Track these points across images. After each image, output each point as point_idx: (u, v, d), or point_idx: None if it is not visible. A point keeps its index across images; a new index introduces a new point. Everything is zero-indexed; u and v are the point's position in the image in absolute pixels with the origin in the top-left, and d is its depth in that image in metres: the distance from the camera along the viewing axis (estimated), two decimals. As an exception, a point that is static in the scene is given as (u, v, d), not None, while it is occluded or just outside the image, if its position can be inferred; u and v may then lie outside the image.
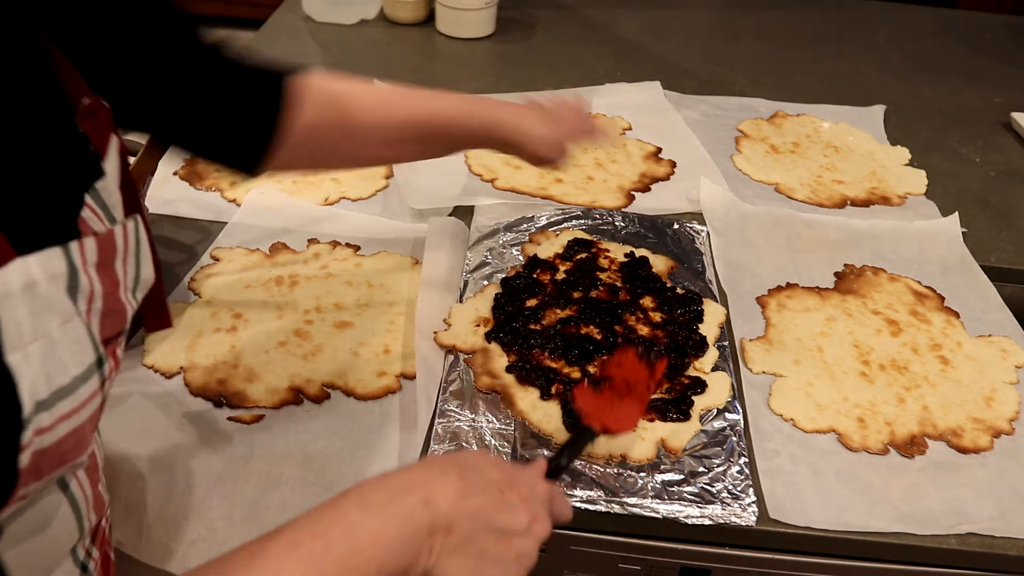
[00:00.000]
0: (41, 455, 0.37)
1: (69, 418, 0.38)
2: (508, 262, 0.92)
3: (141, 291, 0.46)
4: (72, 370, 0.38)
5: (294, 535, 0.43)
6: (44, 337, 0.36)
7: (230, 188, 1.03)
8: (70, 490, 0.44)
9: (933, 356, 0.84)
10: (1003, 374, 0.82)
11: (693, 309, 0.86)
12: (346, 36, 1.46)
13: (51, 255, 0.37)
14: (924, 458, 0.73)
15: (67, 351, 0.38)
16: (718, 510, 0.67)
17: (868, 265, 0.96)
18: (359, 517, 0.45)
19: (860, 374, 0.81)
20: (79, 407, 0.39)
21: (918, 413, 0.77)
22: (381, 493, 0.46)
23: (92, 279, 0.40)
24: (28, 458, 0.36)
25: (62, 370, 0.38)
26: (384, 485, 0.47)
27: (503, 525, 0.48)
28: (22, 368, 0.35)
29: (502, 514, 0.48)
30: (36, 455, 0.37)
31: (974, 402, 0.79)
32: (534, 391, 0.76)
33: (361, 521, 0.44)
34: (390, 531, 0.44)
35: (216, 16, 3.49)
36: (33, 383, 0.36)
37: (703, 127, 1.23)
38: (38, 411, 0.36)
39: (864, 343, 0.85)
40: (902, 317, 0.89)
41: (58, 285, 0.38)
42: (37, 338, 0.36)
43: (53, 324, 0.37)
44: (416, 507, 0.46)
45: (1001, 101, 1.39)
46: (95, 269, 0.41)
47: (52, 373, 0.37)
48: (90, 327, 0.40)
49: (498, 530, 0.48)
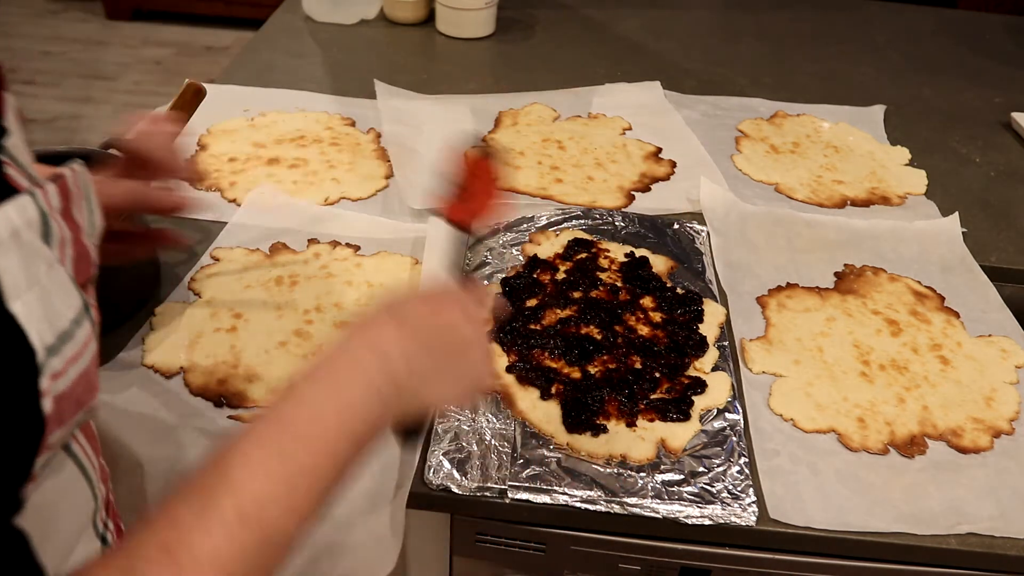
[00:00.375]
0: (60, 400, 0.38)
1: (76, 361, 0.39)
2: (508, 262, 0.92)
3: (96, 238, 0.47)
4: (67, 314, 0.39)
5: (260, 434, 0.43)
6: (37, 284, 0.37)
7: (230, 188, 1.03)
8: (75, 454, 0.45)
9: (933, 356, 0.84)
10: (1003, 374, 0.83)
11: (693, 309, 0.86)
12: (346, 36, 1.46)
13: (23, 202, 0.37)
14: (924, 458, 0.73)
15: (58, 297, 0.38)
16: (718, 510, 0.67)
17: (868, 265, 0.96)
18: (316, 396, 0.46)
19: (860, 374, 0.81)
20: (81, 350, 0.39)
21: (918, 413, 0.77)
22: (328, 368, 0.48)
23: (60, 225, 0.41)
24: (50, 404, 0.37)
25: (59, 315, 0.38)
26: (329, 360, 0.48)
27: (452, 343, 0.53)
28: (26, 315, 0.36)
29: (446, 336, 0.53)
30: (56, 400, 0.37)
31: (974, 402, 0.79)
32: (534, 391, 0.76)
33: (324, 401, 0.46)
34: (355, 398, 0.47)
35: (216, 16, 3.50)
36: (39, 329, 0.36)
37: (703, 127, 1.23)
38: (49, 356, 0.37)
39: (864, 343, 0.85)
40: (902, 317, 0.89)
41: (35, 232, 0.38)
42: (31, 286, 0.36)
43: (41, 271, 0.37)
44: (370, 365, 0.48)
45: (1001, 101, 1.39)
46: (60, 215, 0.41)
47: (52, 319, 0.37)
48: (69, 272, 0.41)
49: (450, 350, 0.53)
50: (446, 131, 1.18)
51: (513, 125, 1.20)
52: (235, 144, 1.12)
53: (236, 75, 1.30)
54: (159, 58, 3.33)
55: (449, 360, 0.53)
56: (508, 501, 0.68)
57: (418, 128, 1.17)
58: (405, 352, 0.50)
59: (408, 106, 1.22)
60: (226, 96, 1.23)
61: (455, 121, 1.20)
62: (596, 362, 0.79)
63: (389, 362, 0.49)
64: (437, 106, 1.24)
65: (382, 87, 1.25)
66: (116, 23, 3.56)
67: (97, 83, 3.11)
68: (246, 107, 1.21)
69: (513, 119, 1.22)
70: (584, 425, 0.72)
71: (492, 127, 1.20)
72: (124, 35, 3.48)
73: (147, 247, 0.81)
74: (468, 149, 0.70)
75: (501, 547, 0.75)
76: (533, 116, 1.23)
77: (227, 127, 1.16)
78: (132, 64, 3.26)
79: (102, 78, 3.15)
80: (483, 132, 1.18)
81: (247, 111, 1.20)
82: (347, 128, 1.18)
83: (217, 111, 1.17)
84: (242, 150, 1.11)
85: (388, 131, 1.15)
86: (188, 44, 3.42)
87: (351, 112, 1.21)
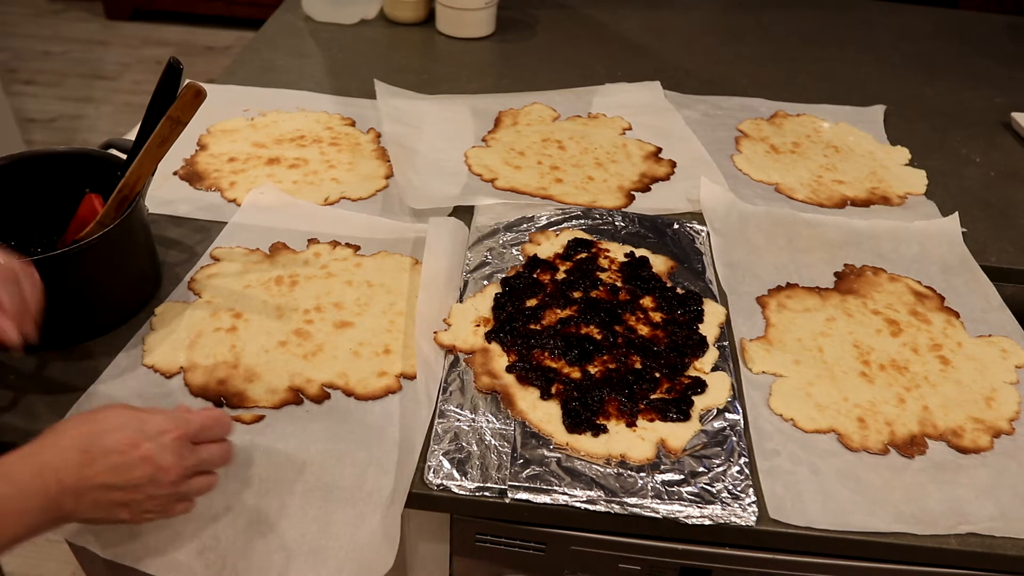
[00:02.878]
0: None
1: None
2: (508, 262, 0.92)
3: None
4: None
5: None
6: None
7: (230, 188, 1.03)
8: None
9: (933, 356, 0.84)
10: (1003, 374, 0.83)
11: (693, 309, 0.86)
12: (346, 36, 1.46)
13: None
14: (924, 458, 0.73)
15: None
16: (718, 510, 0.67)
17: (868, 265, 0.96)
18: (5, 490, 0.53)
19: (860, 374, 0.81)
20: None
21: (918, 413, 0.77)
22: (22, 467, 0.54)
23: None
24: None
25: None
26: (24, 460, 0.55)
27: (127, 482, 0.57)
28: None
29: (125, 473, 0.57)
30: None
31: (974, 402, 0.79)
32: (534, 391, 0.76)
33: (7, 495, 0.53)
34: (30, 506, 0.53)
35: (216, 16, 3.50)
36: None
37: (703, 127, 1.23)
38: None
39: (864, 343, 0.85)
40: (902, 317, 0.89)
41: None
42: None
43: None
44: (48, 484, 0.54)
45: (1001, 101, 1.39)
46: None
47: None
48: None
49: (123, 487, 0.57)
50: (446, 131, 1.18)
51: (513, 125, 1.20)
52: (235, 144, 1.12)
53: (236, 75, 1.30)
54: (159, 58, 3.33)
55: (120, 502, 0.58)
56: (508, 501, 0.68)
57: (418, 128, 1.17)
58: (80, 491, 0.55)
59: (408, 106, 1.22)
60: (226, 96, 1.23)
61: (455, 121, 1.21)
62: (596, 362, 0.79)
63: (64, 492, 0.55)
64: (437, 106, 1.24)
65: (382, 87, 1.25)
66: (116, 23, 3.56)
67: (97, 83, 3.11)
68: (246, 107, 1.21)
69: (513, 119, 1.22)
70: (584, 425, 0.72)
71: (492, 127, 1.20)
72: (124, 35, 3.48)
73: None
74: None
75: (501, 547, 0.75)
76: (533, 116, 1.23)
77: (227, 127, 1.16)
78: (132, 64, 3.26)
79: (102, 78, 3.15)
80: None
81: (247, 111, 1.20)
82: (347, 128, 1.18)
83: (217, 111, 1.17)
84: (242, 150, 1.11)
85: (388, 131, 1.15)
86: (188, 44, 3.42)
87: (351, 112, 1.21)
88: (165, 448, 0.59)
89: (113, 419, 0.58)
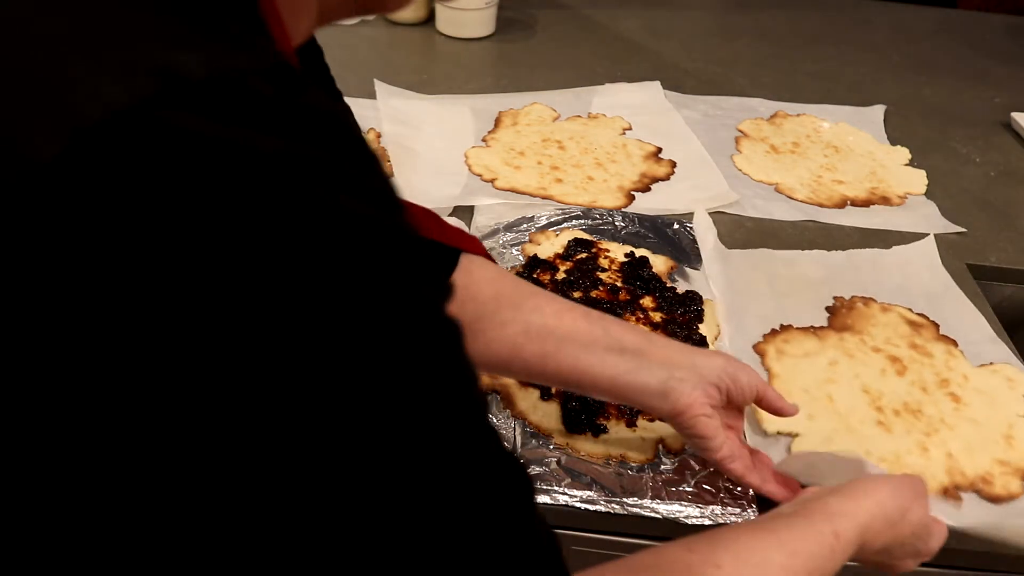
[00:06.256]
0: None
1: None
2: (508, 262, 0.92)
3: None
4: None
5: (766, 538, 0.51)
6: None
7: (230, 188, 1.03)
8: None
9: (943, 394, 0.81)
10: (1014, 405, 0.80)
11: (693, 309, 0.86)
12: (346, 36, 1.46)
13: None
14: (959, 513, 0.70)
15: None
16: (718, 510, 0.67)
17: (858, 296, 0.92)
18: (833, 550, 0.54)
19: (877, 423, 0.77)
20: None
21: (944, 462, 0.74)
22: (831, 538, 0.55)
23: None
24: None
25: None
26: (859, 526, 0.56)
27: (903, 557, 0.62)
28: None
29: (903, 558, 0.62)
30: None
31: (995, 442, 0.76)
32: (534, 391, 0.76)
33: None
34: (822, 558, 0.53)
35: (216, 16, 3.50)
36: None
37: (703, 127, 1.23)
38: None
39: (873, 387, 0.81)
40: (903, 352, 0.85)
41: None
42: None
43: None
44: (851, 549, 0.55)
45: (1001, 101, 1.39)
46: None
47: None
48: None
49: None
50: (446, 131, 1.18)
51: (513, 125, 1.20)
52: (235, 144, 1.12)
53: (236, 75, 1.30)
54: (159, 58, 3.32)
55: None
56: (508, 501, 0.67)
57: (418, 128, 1.17)
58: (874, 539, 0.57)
59: (408, 106, 1.22)
60: (226, 96, 1.23)
61: (455, 121, 1.21)
62: (596, 362, 0.79)
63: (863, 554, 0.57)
64: (437, 106, 1.24)
65: (382, 87, 1.25)
66: (116, 23, 3.56)
67: (97, 83, 3.11)
68: (246, 107, 1.20)
69: (513, 119, 1.22)
70: (584, 425, 0.72)
71: (492, 127, 1.20)
72: (124, 35, 3.49)
73: None
74: None
75: (501, 547, 0.74)
76: (533, 116, 1.23)
77: (227, 127, 1.16)
78: (132, 64, 3.26)
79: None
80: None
81: (247, 111, 1.20)
82: (347, 128, 1.18)
83: (217, 111, 1.17)
84: (242, 150, 1.11)
85: (388, 131, 1.15)
86: (188, 44, 3.42)
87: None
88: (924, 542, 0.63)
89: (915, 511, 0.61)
